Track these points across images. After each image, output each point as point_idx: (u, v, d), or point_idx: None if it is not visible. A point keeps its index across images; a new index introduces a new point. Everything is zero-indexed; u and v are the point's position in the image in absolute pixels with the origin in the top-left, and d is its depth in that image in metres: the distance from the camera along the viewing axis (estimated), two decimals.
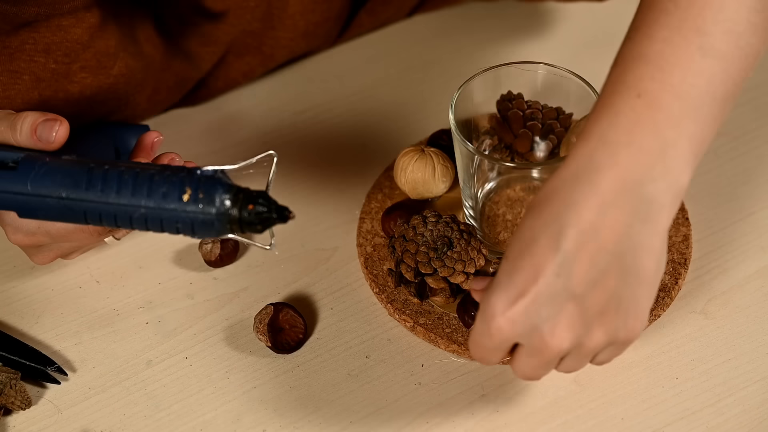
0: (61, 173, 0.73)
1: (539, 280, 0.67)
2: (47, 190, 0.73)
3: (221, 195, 0.70)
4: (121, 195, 0.71)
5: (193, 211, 0.70)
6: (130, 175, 0.72)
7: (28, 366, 0.83)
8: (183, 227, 0.71)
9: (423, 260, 0.82)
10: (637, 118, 0.68)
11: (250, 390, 0.83)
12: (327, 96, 1.02)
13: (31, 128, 0.77)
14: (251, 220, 0.70)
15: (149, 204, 0.71)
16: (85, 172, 0.73)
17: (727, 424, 0.79)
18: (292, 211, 0.71)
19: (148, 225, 0.72)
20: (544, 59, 0.89)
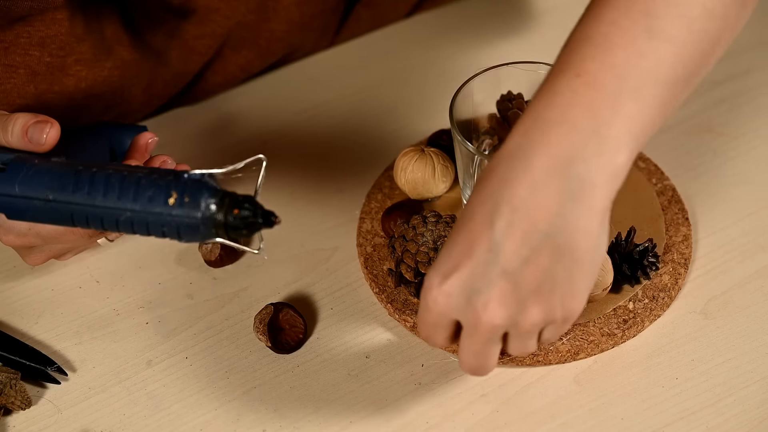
0: (48, 175, 0.73)
1: (473, 255, 0.67)
2: (34, 192, 0.73)
3: (207, 199, 0.70)
4: (108, 198, 0.71)
5: (179, 215, 0.70)
6: (117, 178, 0.71)
7: (28, 366, 0.83)
8: (169, 231, 0.71)
9: (423, 260, 0.82)
10: (574, 97, 0.67)
11: (250, 390, 0.83)
12: (327, 96, 1.02)
13: (23, 130, 0.76)
14: (237, 225, 0.70)
15: (135, 207, 0.71)
16: (73, 175, 0.72)
17: (727, 424, 0.79)
18: (278, 216, 0.70)
19: (134, 228, 0.72)
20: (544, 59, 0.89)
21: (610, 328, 0.83)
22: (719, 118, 0.98)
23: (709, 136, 0.97)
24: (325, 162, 0.97)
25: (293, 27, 0.99)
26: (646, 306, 0.84)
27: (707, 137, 0.97)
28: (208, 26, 0.95)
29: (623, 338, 0.83)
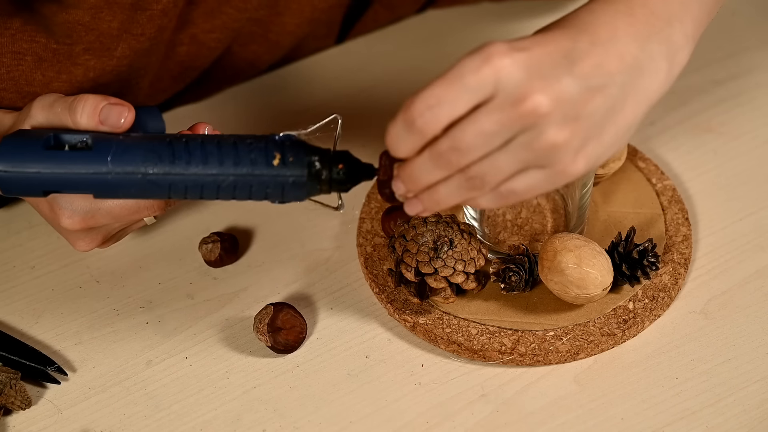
0: (142, 149, 0.73)
1: (549, 50, 0.67)
2: (131, 167, 0.73)
3: (311, 156, 0.73)
4: (209, 165, 0.73)
5: (285, 175, 0.72)
6: (213, 145, 0.73)
7: (28, 366, 0.83)
8: (273, 192, 0.73)
9: (423, 260, 0.82)
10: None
11: (250, 390, 0.83)
12: (327, 96, 1.02)
13: (94, 111, 0.75)
14: (341, 179, 0.73)
15: (239, 171, 0.72)
16: (167, 146, 0.73)
17: (727, 424, 0.79)
18: (378, 168, 0.73)
19: (236, 193, 0.73)
20: None
21: (610, 328, 0.83)
22: (719, 118, 0.98)
23: (709, 136, 0.97)
24: None
25: (303, 21, 0.99)
26: (646, 306, 0.84)
27: (707, 137, 0.97)
28: (219, 19, 0.94)
29: (623, 338, 0.83)
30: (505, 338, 0.83)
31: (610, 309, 0.84)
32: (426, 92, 0.68)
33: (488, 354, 0.82)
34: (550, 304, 0.84)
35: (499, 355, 0.82)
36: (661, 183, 0.92)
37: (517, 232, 0.87)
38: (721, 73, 1.01)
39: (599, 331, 0.83)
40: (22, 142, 0.74)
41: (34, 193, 0.74)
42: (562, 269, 0.81)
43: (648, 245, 0.84)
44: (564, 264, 0.81)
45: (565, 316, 0.84)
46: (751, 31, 1.06)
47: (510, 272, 0.83)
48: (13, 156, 0.73)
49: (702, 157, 0.95)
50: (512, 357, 0.82)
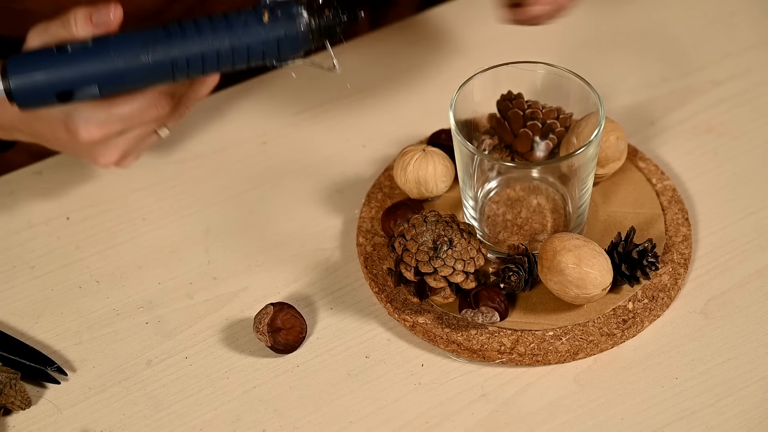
0: (139, 36, 0.78)
1: None
2: (132, 53, 0.77)
3: (298, 8, 0.78)
4: (204, 36, 0.77)
5: (277, 30, 0.77)
6: (205, 18, 0.78)
7: (28, 366, 0.83)
8: (268, 50, 0.78)
9: (423, 259, 0.82)
10: None
11: (250, 390, 0.83)
12: (327, 96, 1.02)
13: (86, 17, 0.78)
14: (331, 23, 0.78)
15: (233, 35, 0.77)
16: (161, 29, 0.78)
17: (727, 424, 0.79)
18: (362, 9, 0.79)
19: (235, 58, 0.78)
20: (544, 59, 0.89)
21: (609, 328, 0.83)
22: (719, 118, 0.98)
23: (709, 136, 0.97)
24: (325, 162, 0.97)
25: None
26: (645, 306, 0.84)
27: (707, 137, 0.97)
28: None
29: (623, 338, 0.83)
30: (504, 338, 0.83)
31: (609, 309, 0.84)
32: None
33: (488, 354, 0.82)
34: (550, 304, 0.84)
35: (498, 355, 0.82)
36: (661, 183, 0.92)
37: (517, 232, 0.87)
38: (721, 73, 1.01)
39: (599, 331, 0.83)
40: (26, 55, 0.79)
41: (48, 98, 0.79)
42: (562, 269, 0.81)
43: (648, 245, 0.84)
44: (563, 264, 0.81)
45: (565, 316, 0.84)
46: (751, 31, 1.06)
47: (509, 272, 0.83)
48: (21, 68, 0.78)
49: (702, 157, 0.95)
50: (511, 357, 0.82)
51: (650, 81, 1.01)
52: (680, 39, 1.04)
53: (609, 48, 1.05)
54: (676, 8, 1.08)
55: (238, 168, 0.97)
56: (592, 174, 0.84)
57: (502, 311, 0.83)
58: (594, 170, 0.84)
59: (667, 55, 1.03)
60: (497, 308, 0.83)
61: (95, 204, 0.95)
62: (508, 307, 0.84)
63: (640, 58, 1.03)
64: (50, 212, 0.94)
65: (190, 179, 0.96)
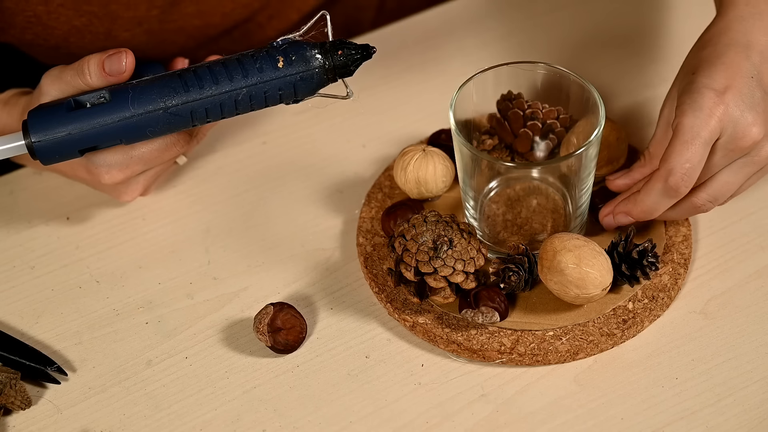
0: (156, 87, 0.79)
1: (738, 77, 0.80)
2: (152, 105, 0.79)
3: (311, 51, 0.80)
4: (221, 84, 0.79)
5: (293, 73, 0.80)
6: (219, 66, 0.80)
7: (28, 366, 0.83)
8: (285, 92, 0.80)
9: (423, 259, 0.82)
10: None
11: (250, 390, 0.83)
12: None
13: (99, 66, 0.80)
14: (344, 63, 0.80)
15: (249, 82, 0.80)
16: (178, 78, 0.79)
17: (727, 424, 0.79)
18: (374, 46, 0.81)
19: (252, 102, 0.80)
20: (544, 59, 0.89)
21: (609, 328, 0.83)
22: None
23: None
24: (325, 162, 0.97)
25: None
26: (645, 306, 0.84)
27: None
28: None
29: (623, 338, 0.83)
30: (504, 338, 0.83)
31: (609, 309, 0.84)
32: (677, 161, 0.79)
33: (488, 354, 0.82)
34: (550, 304, 0.84)
35: (498, 355, 0.82)
36: None
37: (517, 232, 0.87)
38: None
39: (599, 331, 0.83)
40: (46, 111, 0.80)
41: (70, 154, 0.81)
42: (562, 269, 0.81)
43: (648, 245, 0.84)
44: (563, 264, 0.81)
45: (565, 316, 0.84)
46: None
47: (510, 272, 0.83)
48: (42, 125, 0.79)
49: None
50: (511, 357, 0.82)
51: (650, 81, 1.01)
52: (680, 39, 1.04)
53: (609, 48, 1.05)
54: (676, 8, 1.08)
55: (238, 168, 0.97)
56: (593, 174, 0.84)
57: (502, 311, 0.83)
58: (594, 170, 0.84)
59: (666, 55, 1.03)
60: (497, 308, 0.83)
61: (95, 204, 0.95)
62: (508, 307, 0.84)
63: (640, 58, 1.03)
64: (50, 212, 0.94)
65: (190, 179, 0.96)
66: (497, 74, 0.86)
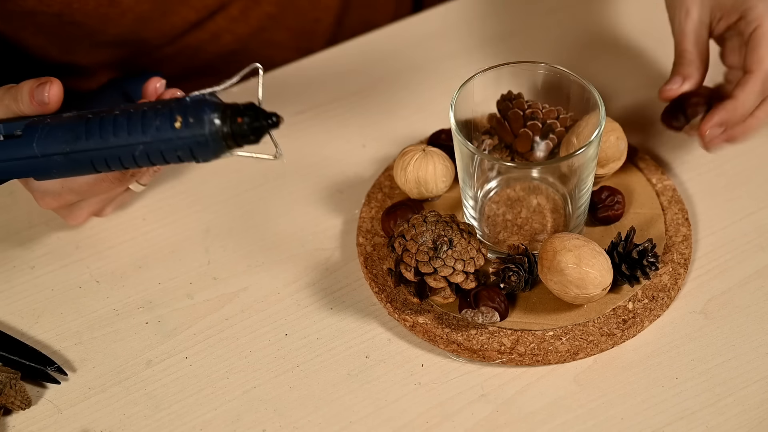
0: (61, 130, 0.76)
1: None
2: (52, 149, 0.76)
3: (209, 114, 0.72)
4: (119, 137, 0.74)
5: (187, 137, 0.73)
6: (124, 116, 0.74)
7: (28, 366, 0.83)
8: (183, 154, 0.74)
9: (423, 260, 0.82)
10: None
11: (250, 390, 0.83)
12: (327, 96, 1.02)
13: (29, 94, 0.79)
14: (243, 132, 0.72)
15: (146, 139, 0.74)
16: (83, 123, 0.75)
17: (727, 424, 0.79)
18: (280, 115, 0.73)
19: (151, 159, 0.75)
20: (544, 59, 0.89)
21: (609, 328, 0.83)
22: None
23: None
24: (325, 162, 0.97)
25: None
26: (645, 306, 0.84)
27: None
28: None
29: (623, 338, 0.83)
30: (504, 338, 0.83)
31: (609, 309, 0.84)
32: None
33: (488, 354, 0.82)
34: (550, 304, 0.84)
35: (498, 355, 0.82)
36: (661, 183, 0.92)
37: (516, 232, 0.87)
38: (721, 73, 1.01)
39: (599, 331, 0.83)
40: None
41: None
42: (562, 269, 0.81)
43: (648, 245, 0.84)
44: (563, 264, 0.81)
45: (565, 316, 0.84)
46: None
47: (509, 272, 0.83)
48: None
49: (702, 158, 0.95)
50: (511, 357, 0.82)
51: (650, 81, 1.01)
52: None
53: (609, 48, 1.05)
54: None
55: (238, 168, 0.97)
56: (592, 174, 0.84)
57: (502, 311, 0.83)
58: (594, 170, 0.84)
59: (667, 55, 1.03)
60: (497, 308, 0.83)
61: None
62: (508, 307, 0.84)
63: (640, 58, 1.03)
64: (50, 212, 0.94)
65: (190, 179, 0.96)
66: (497, 74, 0.86)
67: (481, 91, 0.86)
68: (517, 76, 0.87)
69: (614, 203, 0.89)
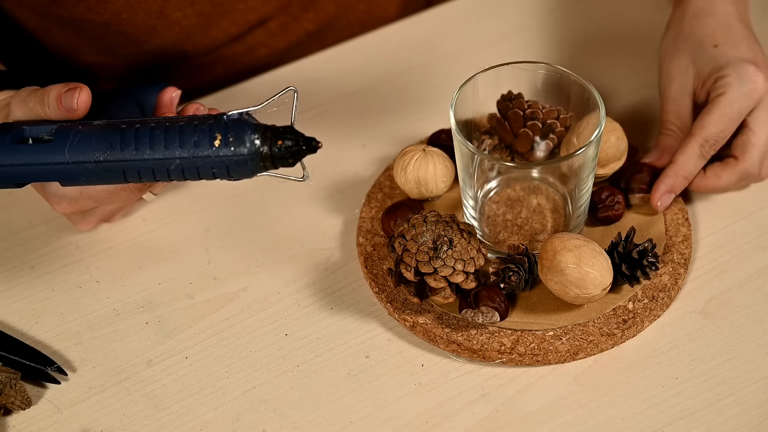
0: (95, 138, 0.76)
1: (755, 43, 0.89)
2: (85, 156, 0.76)
3: (250, 135, 0.73)
4: (156, 150, 0.74)
5: (226, 155, 0.73)
6: (161, 130, 0.75)
7: (28, 366, 0.83)
8: (219, 172, 0.74)
9: (423, 260, 0.82)
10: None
11: (250, 390, 0.83)
12: (327, 96, 1.02)
13: (57, 99, 0.78)
14: (282, 155, 0.74)
15: (183, 154, 0.74)
16: (118, 133, 0.75)
17: (727, 424, 0.79)
18: (319, 141, 0.74)
19: (185, 174, 0.75)
20: (544, 59, 0.89)
21: (609, 328, 0.83)
22: None
23: None
24: (325, 162, 0.97)
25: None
26: (645, 306, 0.84)
27: None
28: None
29: (623, 338, 0.83)
30: (504, 338, 0.83)
31: (609, 309, 0.84)
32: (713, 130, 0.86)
33: (488, 354, 0.82)
34: (550, 304, 0.84)
35: (498, 355, 0.82)
36: None
37: (517, 232, 0.87)
38: None
39: (599, 331, 0.83)
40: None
41: (7, 185, 0.78)
42: (562, 269, 0.81)
43: (648, 245, 0.84)
44: (563, 264, 0.81)
45: (565, 316, 0.84)
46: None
47: (510, 272, 0.83)
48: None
49: None
50: (511, 357, 0.82)
51: (650, 81, 1.01)
52: None
53: (609, 48, 1.05)
54: None
55: None
56: (593, 174, 0.84)
57: (502, 311, 0.83)
58: (594, 170, 0.84)
59: None
60: (497, 308, 0.83)
61: None
62: (508, 307, 0.84)
63: (640, 58, 1.03)
64: (50, 212, 0.94)
65: None
66: (497, 74, 0.86)
67: (481, 91, 0.86)
68: (517, 76, 0.87)
69: (614, 203, 0.89)
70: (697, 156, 0.87)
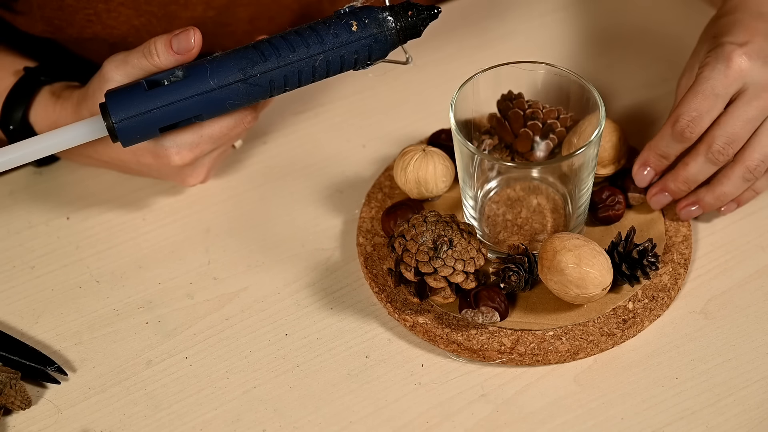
0: (234, 59, 0.81)
1: (758, 35, 0.85)
2: (231, 77, 0.81)
3: (382, 14, 0.82)
4: (298, 51, 0.81)
5: (366, 36, 0.81)
6: (294, 35, 0.81)
7: (28, 366, 0.83)
8: (361, 55, 0.82)
9: (423, 260, 0.82)
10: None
11: (250, 390, 0.83)
12: (327, 96, 1.02)
13: (167, 46, 0.81)
14: (414, 24, 0.82)
15: (326, 47, 0.81)
16: (253, 49, 0.81)
17: (727, 424, 0.79)
18: (439, 6, 0.83)
19: (329, 68, 0.82)
20: (544, 59, 0.89)
21: (609, 328, 0.83)
22: None
23: None
24: (325, 162, 0.97)
25: None
26: (645, 306, 0.84)
27: None
28: None
29: (623, 338, 0.83)
30: (504, 338, 0.83)
31: (609, 309, 0.84)
32: (685, 108, 0.84)
33: (488, 354, 0.82)
34: (550, 304, 0.84)
35: (498, 355, 0.82)
36: None
37: (517, 232, 0.87)
38: None
39: (599, 330, 0.83)
40: (123, 93, 0.81)
41: (150, 133, 0.82)
42: (562, 269, 0.81)
43: (648, 245, 0.84)
44: (563, 264, 0.81)
45: (565, 316, 0.84)
46: None
47: (510, 272, 0.83)
48: (122, 106, 0.80)
49: None
50: (511, 357, 0.82)
51: (650, 81, 1.01)
52: (680, 39, 1.04)
53: (609, 48, 1.05)
54: (676, 8, 1.08)
55: (238, 168, 0.97)
56: (593, 174, 0.84)
57: (502, 311, 0.83)
58: (594, 170, 0.84)
59: (667, 55, 1.03)
60: (497, 308, 0.83)
61: (95, 204, 0.95)
62: (508, 307, 0.84)
63: (640, 58, 1.03)
64: (50, 212, 0.94)
65: None
66: (497, 74, 0.86)
67: (481, 91, 0.86)
68: (517, 76, 0.87)
69: (615, 203, 0.89)
70: (669, 136, 0.85)
